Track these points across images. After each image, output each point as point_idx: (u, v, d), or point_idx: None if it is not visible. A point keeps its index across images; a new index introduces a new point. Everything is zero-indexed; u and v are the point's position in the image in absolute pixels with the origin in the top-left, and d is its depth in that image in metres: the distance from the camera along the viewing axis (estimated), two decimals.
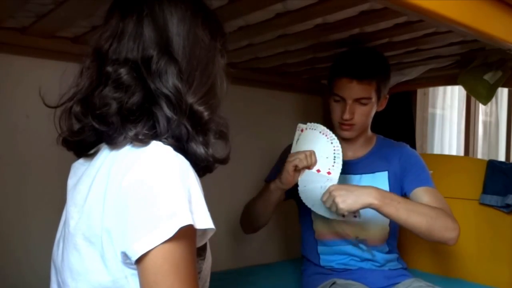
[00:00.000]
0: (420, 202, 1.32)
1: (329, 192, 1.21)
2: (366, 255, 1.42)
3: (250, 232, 1.57)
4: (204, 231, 0.68)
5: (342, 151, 1.46)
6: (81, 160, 0.80)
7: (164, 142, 0.69)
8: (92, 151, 0.77)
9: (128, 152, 0.69)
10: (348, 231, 1.42)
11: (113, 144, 0.70)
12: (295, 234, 1.67)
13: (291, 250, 2.00)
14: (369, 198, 1.18)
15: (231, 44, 1.41)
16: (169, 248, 0.62)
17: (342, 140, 1.47)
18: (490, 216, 1.68)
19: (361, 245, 1.42)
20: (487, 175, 1.70)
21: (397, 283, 1.38)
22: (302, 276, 1.52)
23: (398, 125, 2.04)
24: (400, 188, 1.43)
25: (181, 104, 0.70)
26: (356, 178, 1.45)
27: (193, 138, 0.71)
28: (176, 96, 0.70)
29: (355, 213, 1.26)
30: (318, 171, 1.30)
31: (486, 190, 1.69)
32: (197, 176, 0.69)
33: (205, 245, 0.76)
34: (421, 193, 1.35)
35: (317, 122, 1.41)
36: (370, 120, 1.45)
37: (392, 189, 1.43)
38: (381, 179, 1.44)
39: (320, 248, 1.46)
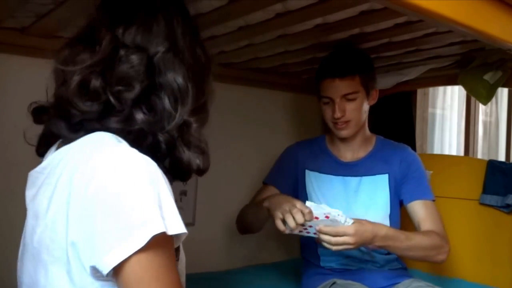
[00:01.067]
0: (415, 216, 1.39)
1: (347, 236, 1.15)
2: (366, 256, 1.42)
3: (244, 234, 1.56)
4: (177, 235, 0.65)
5: (341, 153, 1.49)
6: (38, 169, 0.76)
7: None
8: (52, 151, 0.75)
9: (90, 157, 0.65)
10: None
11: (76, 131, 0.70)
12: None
13: (291, 250, 2.00)
14: (372, 239, 1.21)
15: (231, 44, 1.41)
16: (146, 257, 0.60)
17: (340, 140, 1.48)
18: (490, 216, 1.68)
19: (362, 248, 1.41)
20: (487, 175, 1.70)
21: (397, 283, 1.38)
22: (302, 277, 1.52)
23: (398, 125, 2.04)
24: (398, 194, 1.44)
25: (184, 101, 0.72)
26: (356, 180, 1.45)
27: (180, 144, 0.71)
28: (182, 92, 0.71)
29: None
30: (317, 218, 1.17)
31: (486, 190, 1.69)
32: (166, 179, 0.66)
33: (178, 246, 0.74)
34: (418, 207, 1.39)
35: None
36: (365, 115, 1.45)
37: (392, 192, 1.44)
38: (381, 182, 1.44)
39: (320, 250, 1.46)
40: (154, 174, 0.64)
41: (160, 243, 0.61)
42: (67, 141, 0.71)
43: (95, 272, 0.62)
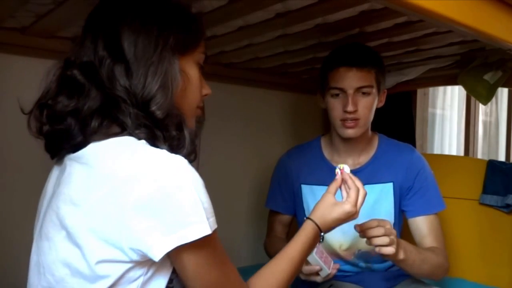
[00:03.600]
0: (417, 231, 1.34)
1: (386, 228, 1.10)
2: (366, 270, 1.41)
3: None
4: None
5: (341, 160, 1.40)
6: (72, 156, 0.79)
7: (136, 136, 0.73)
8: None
9: (133, 158, 0.70)
10: (349, 250, 1.38)
11: (73, 141, 0.75)
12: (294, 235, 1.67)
13: None
14: (399, 254, 1.14)
15: (231, 44, 1.41)
16: (198, 247, 0.70)
17: (343, 143, 1.37)
18: (490, 216, 1.68)
19: (360, 264, 1.40)
20: (487, 175, 1.70)
21: (395, 284, 1.38)
22: (300, 278, 1.51)
23: (398, 125, 2.04)
24: (402, 203, 1.38)
25: (134, 102, 0.73)
26: None
27: (156, 137, 0.74)
28: (129, 95, 0.73)
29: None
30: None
31: (486, 190, 1.69)
32: None
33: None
34: (421, 224, 1.34)
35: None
36: (372, 116, 1.35)
37: (397, 201, 1.37)
38: (385, 191, 1.36)
39: None
40: (197, 176, 0.71)
41: (210, 236, 0.70)
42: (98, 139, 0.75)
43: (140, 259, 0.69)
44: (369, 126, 1.37)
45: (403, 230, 1.45)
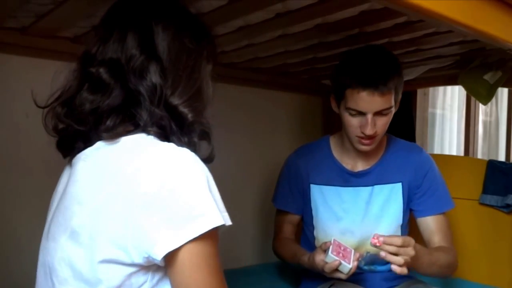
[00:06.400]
0: (426, 230, 1.35)
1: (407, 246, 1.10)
2: (367, 270, 1.41)
3: None
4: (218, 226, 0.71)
5: (352, 162, 1.40)
6: (81, 155, 0.78)
7: (148, 133, 0.72)
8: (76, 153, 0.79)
9: (139, 155, 0.70)
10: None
11: (88, 142, 0.74)
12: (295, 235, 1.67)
13: None
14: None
15: (231, 44, 1.41)
16: (201, 245, 0.67)
17: (357, 151, 1.36)
18: (490, 216, 1.68)
19: (363, 267, 1.39)
20: (487, 175, 1.70)
21: (396, 285, 1.38)
22: (301, 278, 1.51)
23: (398, 125, 2.03)
24: (410, 203, 1.38)
25: (160, 101, 0.72)
26: (367, 190, 1.37)
27: (179, 138, 0.74)
28: (154, 94, 0.72)
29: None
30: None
31: (486, 190, 1.69)
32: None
33: None
34: (431, 223, 1.35)
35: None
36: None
37: (405, 202, 1.37)
38: (394, 192, 1.36)
39: None
40: (205, 169, 0.70)
41: (214, 233, 0.68)
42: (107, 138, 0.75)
43: (145, 261, 0.67)
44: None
45: (410, 228, 1.45)
